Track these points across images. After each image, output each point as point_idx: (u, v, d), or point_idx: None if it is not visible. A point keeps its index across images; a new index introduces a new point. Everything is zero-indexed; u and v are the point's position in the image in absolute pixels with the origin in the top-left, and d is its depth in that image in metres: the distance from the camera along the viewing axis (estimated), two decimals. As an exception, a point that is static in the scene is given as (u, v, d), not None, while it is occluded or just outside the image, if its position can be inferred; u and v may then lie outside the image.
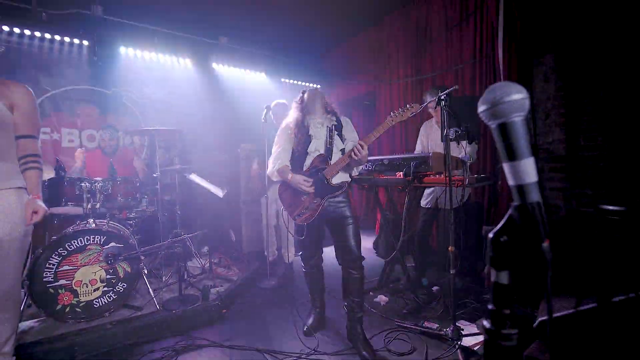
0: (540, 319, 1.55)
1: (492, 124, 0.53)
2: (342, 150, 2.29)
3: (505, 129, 0.51)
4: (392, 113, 2.16)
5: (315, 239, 2.37)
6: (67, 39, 4.00)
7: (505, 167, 0.53)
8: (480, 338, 2.22)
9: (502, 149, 0.52)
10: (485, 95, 0.53)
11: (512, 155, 0.51)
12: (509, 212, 0.52)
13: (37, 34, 3.82)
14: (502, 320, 0.53)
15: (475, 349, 2.14)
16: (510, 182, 0.52)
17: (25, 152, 1.77)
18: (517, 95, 0.50)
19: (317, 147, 2.28)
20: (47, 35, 3.88)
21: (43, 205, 1.76)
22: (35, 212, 1.72)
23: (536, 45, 3.10)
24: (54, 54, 3.95)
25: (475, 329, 2.33)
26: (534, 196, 0.50)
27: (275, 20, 4.71)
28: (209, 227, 3.83)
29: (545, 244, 0.49)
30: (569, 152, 3.08)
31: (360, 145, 2.06)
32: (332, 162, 2.21)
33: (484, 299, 2.77)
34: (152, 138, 4.17)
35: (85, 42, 4.08)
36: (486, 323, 0.55)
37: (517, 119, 0.50)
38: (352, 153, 2.08)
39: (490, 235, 0.53)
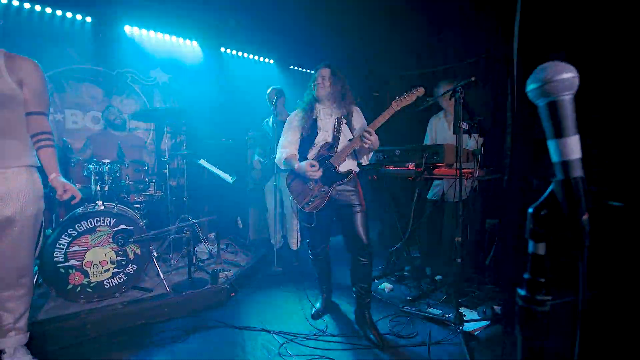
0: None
1: (541, 102, 0.55)
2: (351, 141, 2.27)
3: (554, 107, 0.53)
4: (397, 98, 2.10)
5: (323, 226, 2.37)
6: (68, 15, 3.76)
7: (551, 144, 0.55)
8: (481, 324, 2.30)
9: (549, 126, 0.54)
10: (534, 74, 0.55)
11: (560, 133, 0.53)
12: (550, 187, 0.55)
13: (37, 7, 3.57)
14: (537, 288, 0.56)
15: (475, 333, 2.21)
16: (555, 158, 0.54)
17: (37, 129, 1.74)
18: (568, 74, 0.52)
19: (325, 137, 2.27)
20: (48, 10, 3.63)
21: (73, 186, 1.79)
22: (66, 191, 1.74)
23: (552, 39, 3.06)
24: (55, 30, 3.71)
25: (477, 315, 2.39)
26: (578, 172, 0.53)
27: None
28: (216, 213, 3.84)
29: (585, 217, 0.52)
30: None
31: (368, 132, 2.02)
32: (339, 150, 2.21)
33: (485, 288, 2.83)
34: (158, 121, 4.16)
35: (89, 19, 3.86)
36: (521, 290, 0.58)
37: (567, 97, 0.53)
38: (361, 140, 2.05)
39: (531, 209, 0.56)
